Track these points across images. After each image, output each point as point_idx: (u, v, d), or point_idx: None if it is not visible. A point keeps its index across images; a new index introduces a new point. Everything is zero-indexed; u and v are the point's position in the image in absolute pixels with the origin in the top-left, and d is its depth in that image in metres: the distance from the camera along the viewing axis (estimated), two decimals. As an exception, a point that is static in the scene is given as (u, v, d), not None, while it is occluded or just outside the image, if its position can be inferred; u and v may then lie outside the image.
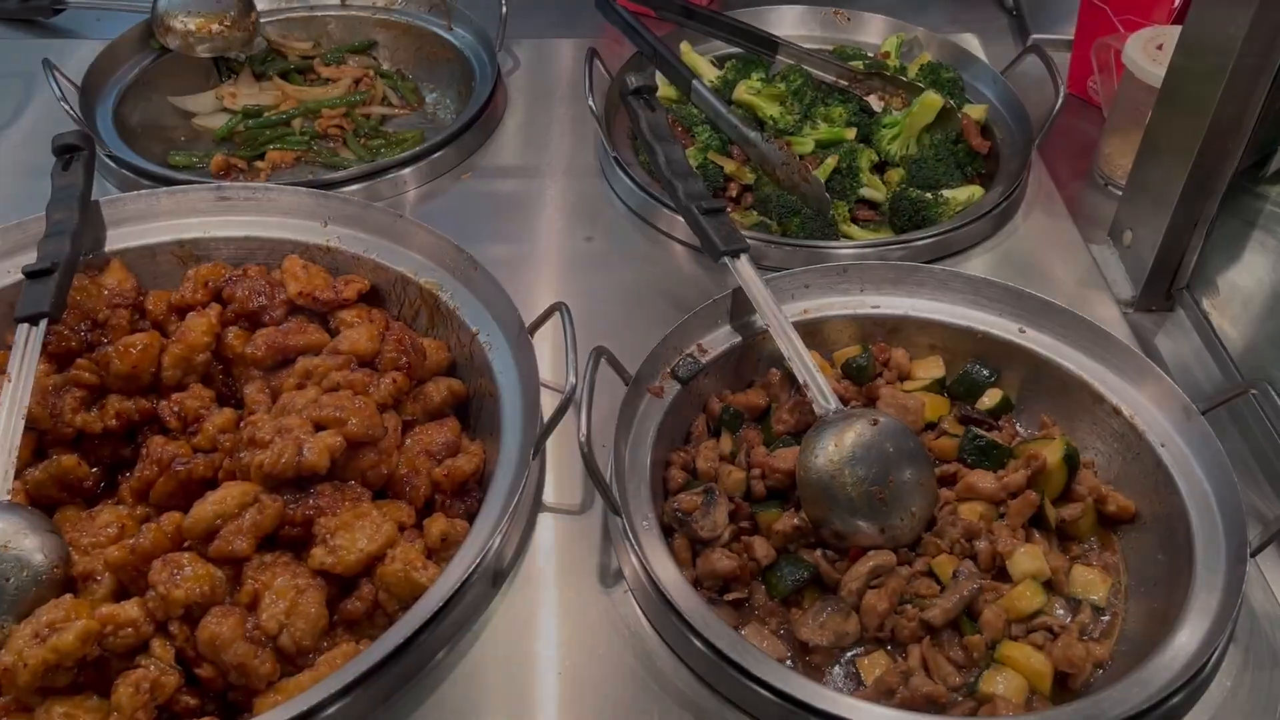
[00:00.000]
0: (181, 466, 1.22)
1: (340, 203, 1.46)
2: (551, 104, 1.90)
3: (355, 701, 0.99)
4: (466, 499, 1.24)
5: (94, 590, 1.09)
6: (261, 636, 1.04)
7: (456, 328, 1.37)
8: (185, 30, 1.86)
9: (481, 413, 1.33)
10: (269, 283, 1.40)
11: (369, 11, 2.04)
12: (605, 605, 1.10)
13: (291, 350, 1.34)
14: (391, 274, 1.43)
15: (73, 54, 1.98)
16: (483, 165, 1.74)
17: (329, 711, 0.97)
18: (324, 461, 1.15)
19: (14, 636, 1.00)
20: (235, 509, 1.11)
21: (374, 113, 1.96)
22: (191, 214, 1.48)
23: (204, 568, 1.06)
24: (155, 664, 1.02)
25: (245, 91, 1.95)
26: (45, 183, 1.68)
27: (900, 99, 1.72)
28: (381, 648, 0.99)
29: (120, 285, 1.41)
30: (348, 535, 1.11)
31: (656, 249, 1.59)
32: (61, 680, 1.00)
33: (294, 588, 1.08)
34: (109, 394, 1.32)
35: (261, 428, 1.17)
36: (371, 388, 1.28)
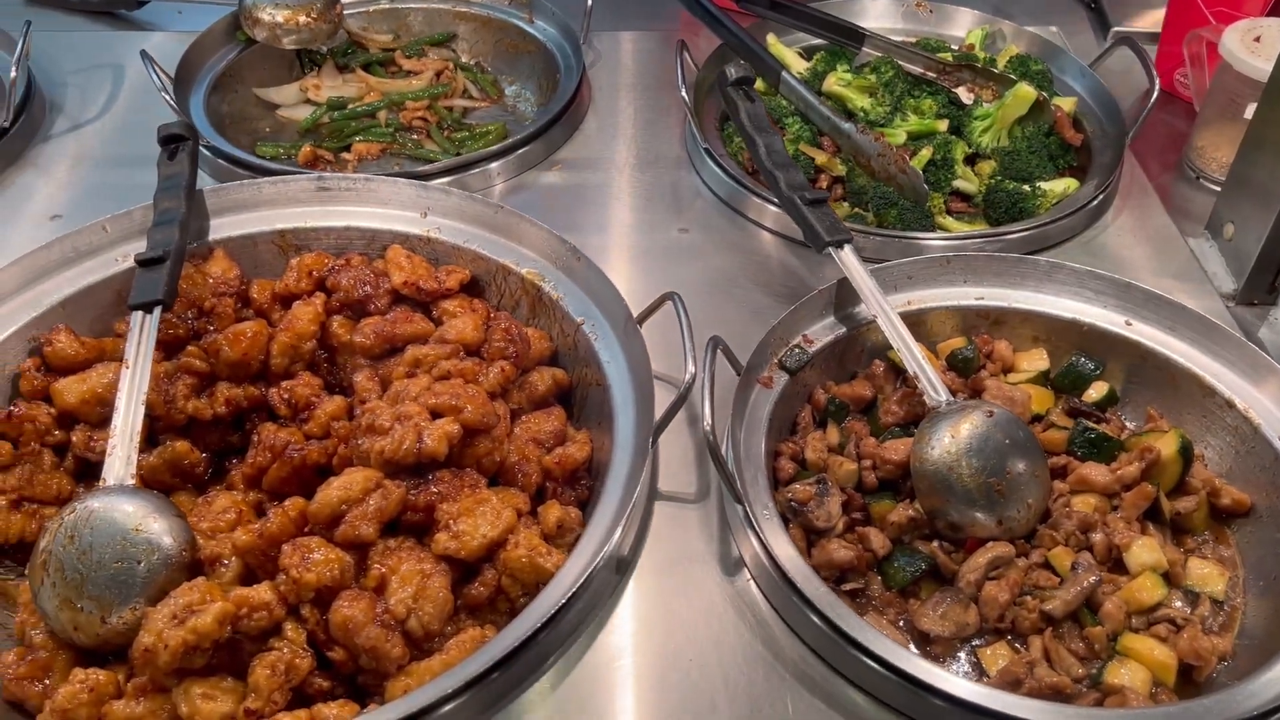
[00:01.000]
0: (296, 453, 1.24)
1: (441, 194, 1.47)
2: (634, 96, 1.90)
3: (488, 687, 1.00)
4: (577, 487, 1.25)
5: (222, 574, 1.10)
6: (391, 620, 1.05)
7: (559, 318, 1.38)
8: (273, 22, 1.88)
9: (586, 401, 1.33)
10: (373, 272, 1.41)
11: (449, 4, 2.05)
12: (729, 592, 1.11)
13: (399, 339, 1.35)
14: (492, 264, 1.44)
15: (154, 46, 2.00)
16: (570, 158, 1.75)
17: (465, 698, 0.98)
18: (443, 448, 1.16)
19: (151, 618, 1.01)
20: (359, 494, 1.12)
21: (455, 105, 1.97)
22: (293, 204, 1.50)
23: (333, 552, 1.07)
24: (289, 646, 1.03)
25: (329, 84, 1.97)
26: (139, 172, 1.71)
27: (991, 91, 1.71)
28: (514, 633, 1.00)
29: (225, 274, 1.43)
30: (469, 521, 1.12)
31: (748, 238, 1.59)
32: (198, 661, 1.01)
33: (419, 573, 1.09)
34: (218, 381, 1.33)
35: (380, 415, 1.18)
36: (481, 377, 1.30)
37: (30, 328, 1.33)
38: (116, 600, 1.06)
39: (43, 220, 1.60)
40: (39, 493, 1.25)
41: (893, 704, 1.02)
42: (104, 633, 1.06)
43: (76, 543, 1.08)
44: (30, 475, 1.25)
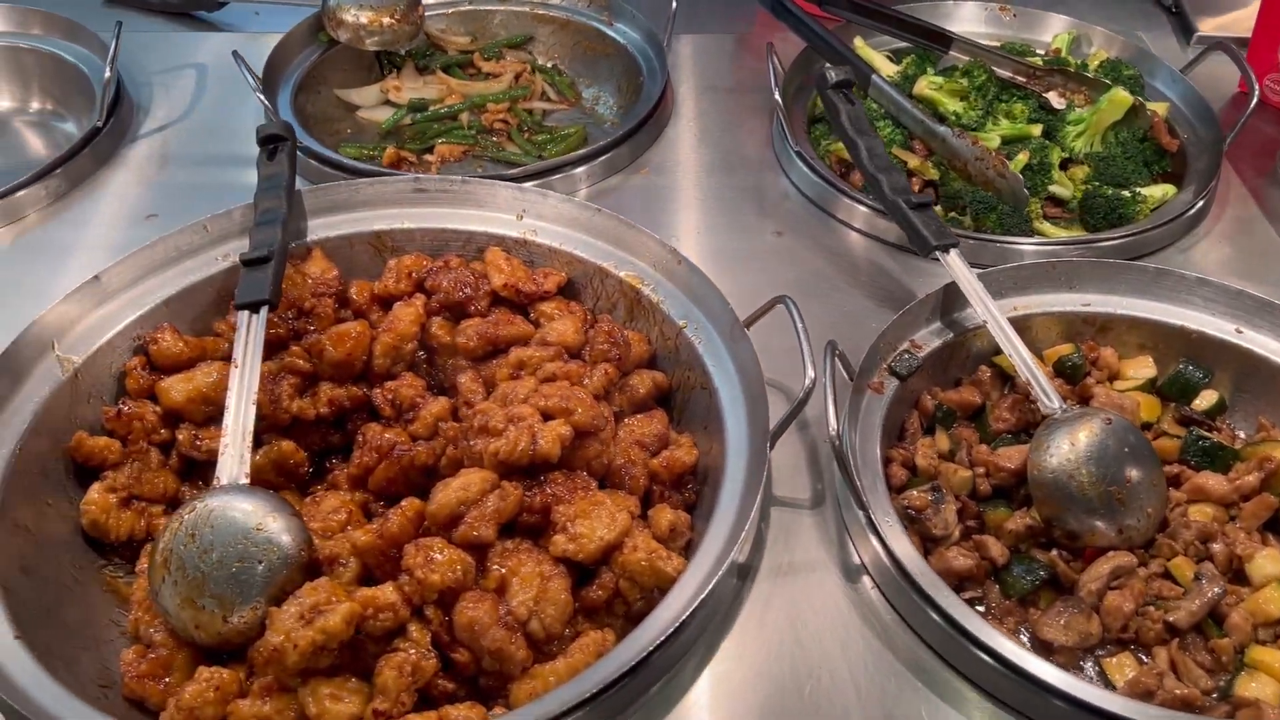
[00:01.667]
0: (404, 453, 1.24)
1: (538, 196, 1.47)
2: (716, 99, 1.89)
3: (616, 694, 0.99)
4: (684, 491, 1.24)
5: (341, 574, 1.10)
6: (513, 623, 1.05)
7: (659, 320, 1.37)
8: (357, 24, 1.88)
9: (689, 405, 1.32)
10: (473, 274, 1.41)
11: (528, 6, 2.05)
12: (852, 599, 1.10)
13: (501, 341, 1.35)
14: (589, 267, 1.43)
15: (230, 47, 2.02)
16: (657, 161, 1.74)
17: (596, 704, 0.97)
18: (556, 450, 1.15)
19: (278, 618, 1.01)
20: (477, 495, 1.11)
21: (535, 107, 1.97)
22: (389, 205, 1.49)
23: (455, 553, 1.07)
24: (414, 648, 1.03)
25: (409, 85, 1.97)
26: (229, 172, 1.73)
27: (1083, 96, 1.69)
28: (645, 638, 0.99)
29: (323, 274, 1.43)
30: (586, 523, 1.11)
31: (840, 240, 1.58)
32: (324, 661, 1.01)
33: (539, 575, 1.08)
34: (320, 381, 1.34)
35: (493, 416, 1.18)
36: (585, 379, 1.29)
37: (135, 326, 1.34)
38: (238, 599, 1.06)
39: (138, 219, 1.61)
40: (146, 491, 1.25)
41: (1035, 717, 1.01)
42: (225, 631, 1.06)
43: (197, 541, 1.08)
44: (138, 473, 1.26)
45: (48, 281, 1.51)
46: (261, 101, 1.67)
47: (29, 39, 1.87)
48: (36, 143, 1.87)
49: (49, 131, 1.88)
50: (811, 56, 1.84)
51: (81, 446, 1.23)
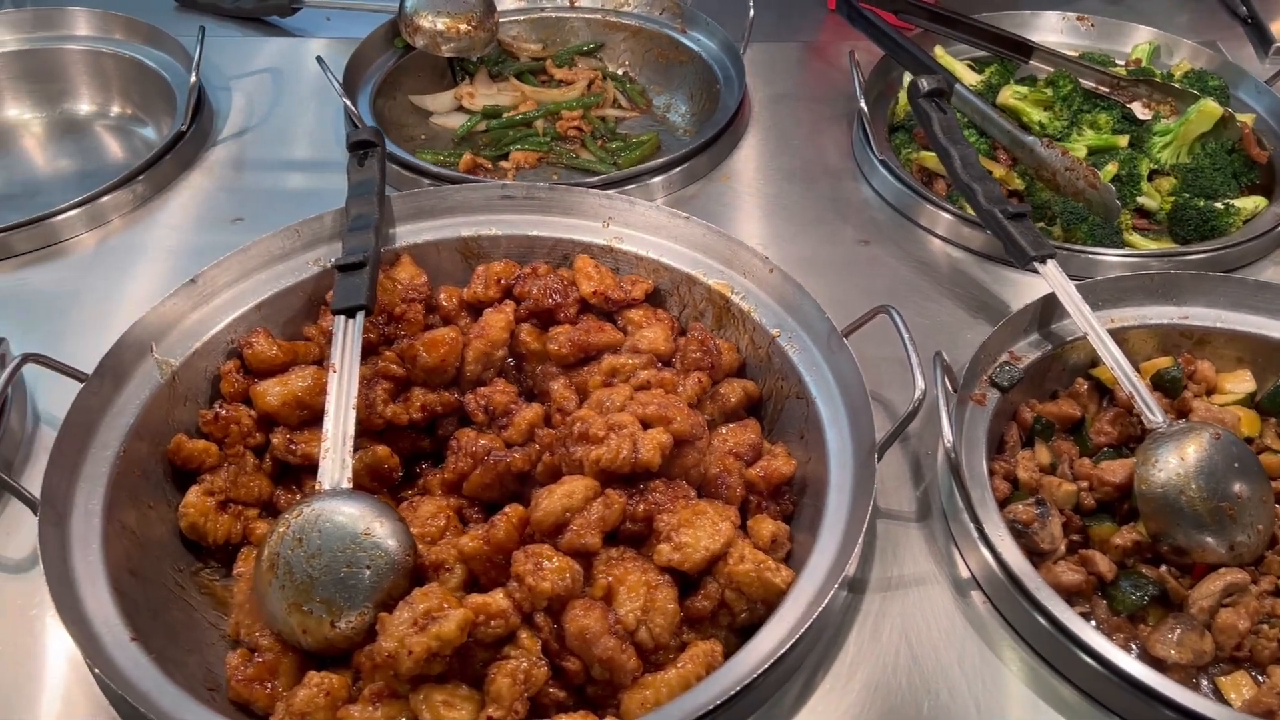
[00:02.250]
0: (499, 459, 1.24)
1: (625, 204, 1.47)
2: (793, 107, 1.89)
3: (734, 708, 0.98)
4: (781, 501, 1.24)
5: (446, 580, 1.10)
6: (622, 631, 1.04)
7: (750, 329, 1.37)
8: (434, 30, 1.89)
9: (782, 414, 1.32)
10: (562, 281, 1.41)
11: (600, 14, 2.06)
12: (966, 613, 1.09)
13: (592, 348, 1.34)
14: (676, 274, 1.43)
15: (308, 52, 2.03)
16: (738, 169, 1.74)
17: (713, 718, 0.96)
18: (657, 459, 1.15)
19: (389, 624, 1.01)
20: (581, 503, 1.11)
21: (607, 115, 1.97)
22: (476, 211, 1.50)
23: (564, 560, 1.06)
24: (525, 655, 1.02)
25: (483, 92, 1.98)
26: (310, 176, 1.74)
27: (1169, 107, 1.68)
28: (760, 650, 0.98)
29: (412, 280, 1.43)
30: (690, 533, 1.11)
31: (925, 249, 1.58)
32: (436, 668, 1.01)
33: (645, 583, 1.08)
34: (412, 386, 1.34)
35: (593, 424, 1.17)
36: (679, 387, 1.29)
37: (229, 330, 1.34)
38: (346, 604, 1.06)
39: (225, 223, 1.62)
40: (242, 494, 1.26)
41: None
42: (332, 636, 1.06)
43: (305, 546, 1.08)
44: (235, 477, 1.26)
45: (134, 285, 1.53)
46: (348, 107, 1.68)
47: (111, 43, 1.88)
48: (115, 147, 1.89)
49: (128, 136, 1.90)
50: (889, 65, 1.83)
51: (181, 449, 1.24)
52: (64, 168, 1.85)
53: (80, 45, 1.87)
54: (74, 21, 1.88)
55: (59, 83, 1.89)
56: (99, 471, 1.16)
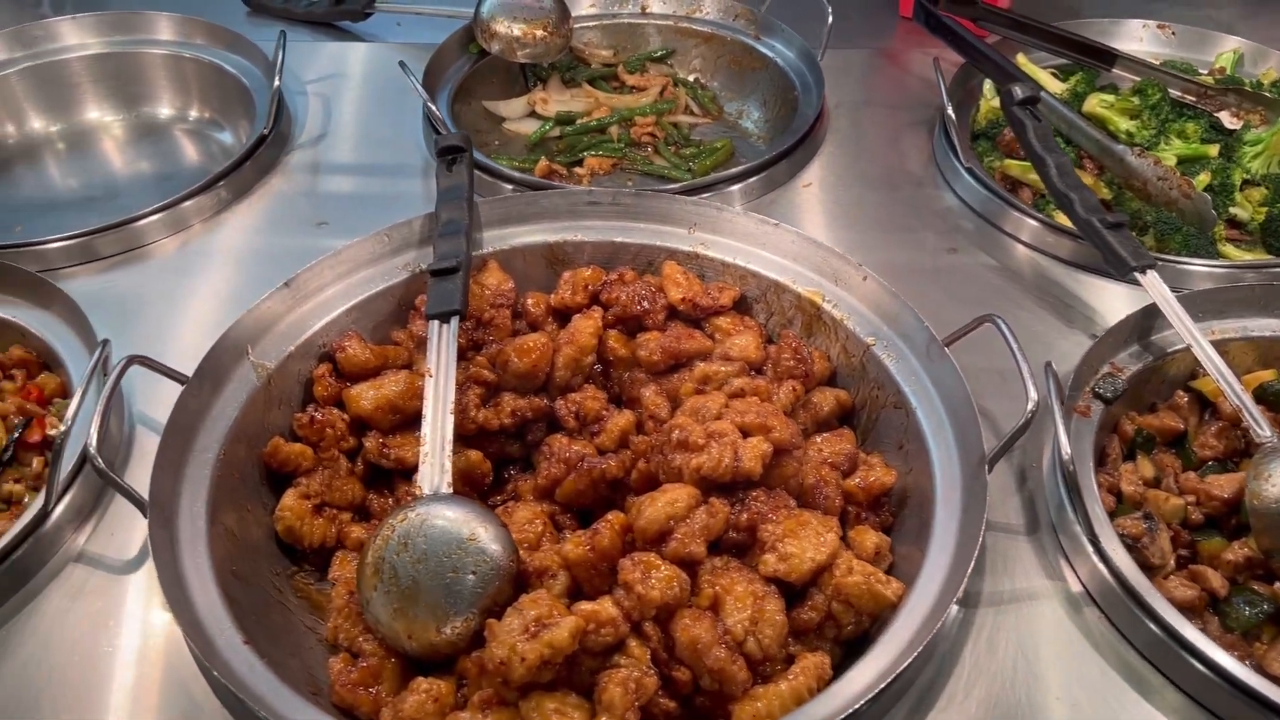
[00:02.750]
0: (593, 466, 1.23)
1: (713, 210, 1.46)
2: (871, 114, 1.88)
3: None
4: (880, 513, 1.22)
5: (551, 586, 1.09)
6: (731, 642, 1.03)
7: (842, 337, 1.35)
8: (510, 36, 1.89)
9: (877, 424, 1.30)
10: (649, 288, 1.40)
11: (672, 20, 2.05)
12: (1081, 627, 1.07)
13: (683, 355, 1.34)
14: (764, 281, 1.42)
15: (379, 57, 2.04)
16: (819, 177, 1.73)
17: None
18: (759, 468, 1.14)
19: (499, 630, 1.00)
20: (684, 511, 1.10)
21: (680, 121, 1.96)
22: (562, 216, 1.49)
23: (672, 569, 1.05)
24: (635, 664, 1.01)
25: (556, 98, 1.98)
26: (390, 181, 1.75)
27: (1259, 116, 1.65)
28: (878, 664, 0.97)
29: (500, 285, 1.43)
30: (795, 543, 1.10)
31: (1015, 258, 1.56)
32: (546, 676, 1.00)
33: (752, 594, 1.06)
34: (502, 392, 1.33)
35: (692, 431, 1.16)
36: (774, 396, 1.28)
37: (321, 334, 1.35)
38: (451, 610, 1.06)
39: (309, 227, 1.63)
40: (336, 498, 1.26)
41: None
42: (437, 642, 1.06)
43: (410, 550, 1.08)
44: (329, 480, 1.26)
45: (221, 288, 1.53)
46: (433, 112, 1.68)
47: (191, 48, 1.90)
48: (192, 151, 1.90)
49: (205, 140, 1.91)
50: (968, 73, 1.82)
51: (278, 452, 1.24)
52: (142, 170, 1.86)
53: (161, 50, 1.89)
54: (156, 26, 1.90)
55: (140, 86, 1.90)
56: (201, 474, 1.16)
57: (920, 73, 1.98)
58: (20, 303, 1.38)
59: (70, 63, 1.87)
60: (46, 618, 1.10)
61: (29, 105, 1.87)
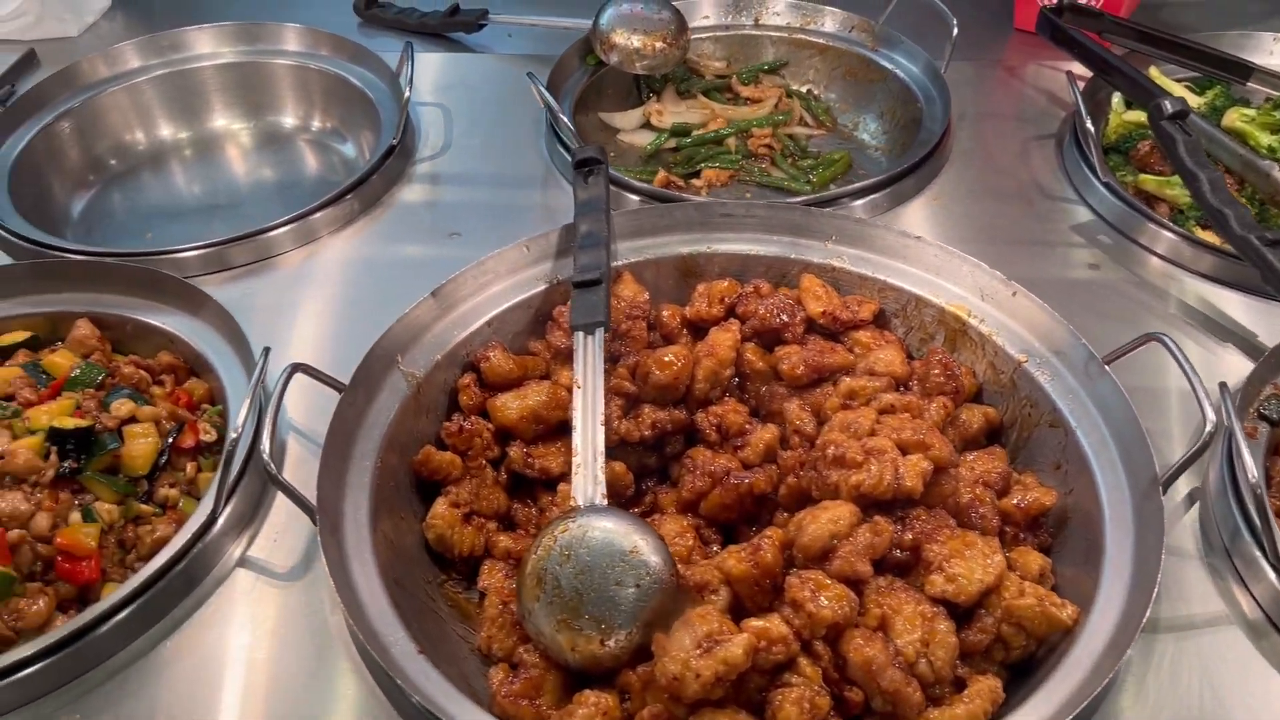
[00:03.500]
0: (740, 480, 1.22)
1: (852, 224, 1.44)
2: (993, 126, 1.85)
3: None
4: (1038, 534, 1.20)
5: (713, 602, 1.08)
6: (903, 663, 1.02)
7: (990, 353, 1.33)
8: (628, 47, 1.89)
9: (1028, 443, 1.28)
10: (788, 301, 1.39)
11: (786, 32, 2.04)
12: (1265, 651, 1.04)
13: (825, 369, 1.32)
14: (903, 295, 1.41)
15: (494, 69, 2.06)
16: (947, 190, 1.71)
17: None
18: (920, 486, 1.13)
19: (670, 646, 1.00)
20: (847, 529, 1.09)
21: (796, 132, 1.95)
22: (695, 228, 1.49)
23: (841, 588, 1.04)
24: (807, 683, 1.00)
25: (671, 109, 1.98)
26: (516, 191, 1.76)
27: (1407, 130, 1.61)
28: (1062, 690, 0.95)
29: (635, 297, 1.42)
30: (962, 564, 1.08)
31: (1157, 274, 1.53)
32: (718, 693, 0.99)
33: (921, 615, 1.05)
34: (641, 404, 1.33)
35: (849, 448, 1.15)
36: (924, 412, 1.26)
37: (464, 344, 1.35)
38: (616, 623, 1.05)
39: (442, 237, 1.64)
40: (483, 507, 1.26)
41: None
42: (601, 654, 1.05)
43: (573, 562, 1.08)
44: (477, 489, 1.26)
45: (358, 298, 1.55)
46: (564, 124, 1.68)
47: (317, 59, 1.92)
48: (313, 161, 1.92)
49: (325, 151, 1.93)
50: (1096, 86, 1.79)
51: (430, 460, 1.24)
52: (265, 178, 1.89)
53: (288, 60, 1.92)
54: (283, 36, 1.92)
55: (266, 95, 1.93)
56: (361, 481, 1.17)
57: (1040, 85, 1.96)
58: (167, 309, 1.40)
59: (201, 71, 1.91)
60: (217, 622, 1.11)
61: (159, 112, 1.91)
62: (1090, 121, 1.62)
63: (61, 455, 1.20)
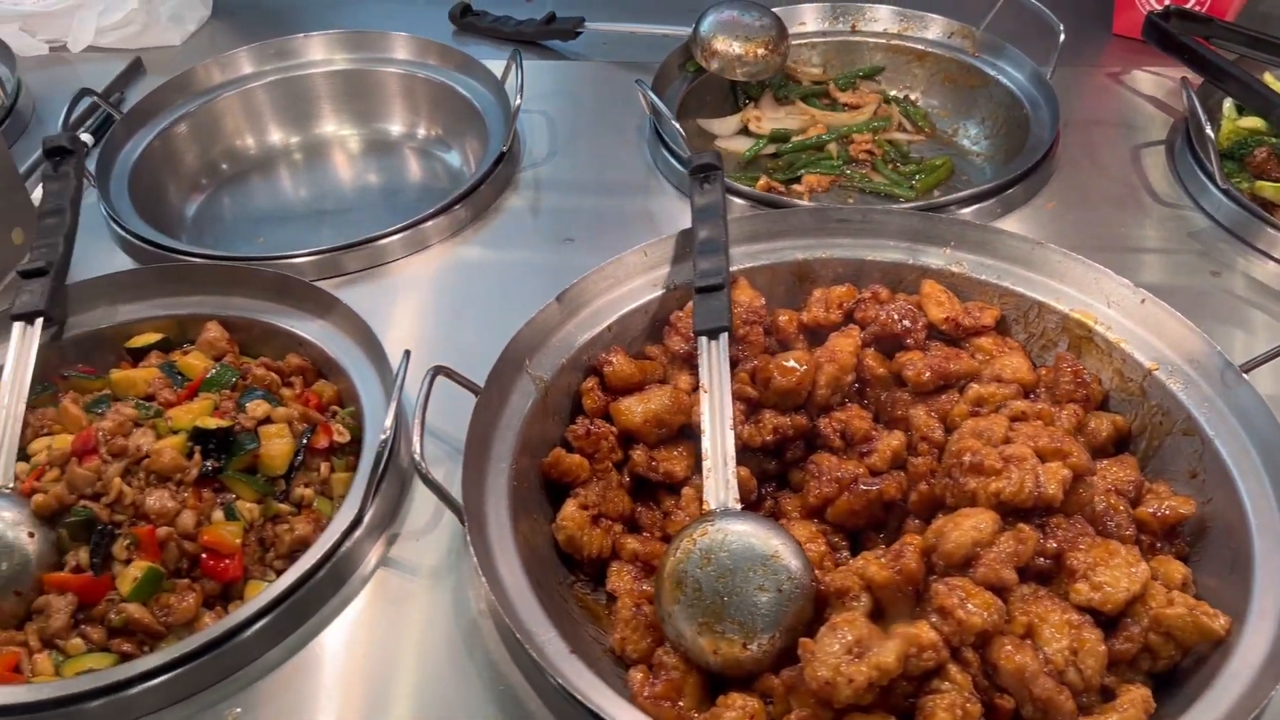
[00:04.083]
0: (870, 487, 1.22)
1: (972, 228, 1.44)
2: (1100, 132, 1.83)
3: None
4: (1175, 543, 1.19)
5: (854, 608, 1.08)
6: (1053, 671, 1.01)
7: (1117, 360, 1.32)
8: (730, 54, 1.90)
9: (1159, 452, 1.27)
10: (909, 306, 1.39)
11: (884, 38, 2.04)
12: None
13: (952, 376, 1.32)
14: (1024, 301, 1.40)
15: (592, 75, 2.07)
16: (1057, 196, 1.69)
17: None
18: (1060, 493, 1.12)
19: (819, 651, 1.00)
20: (989, 537, 1.08)
21: (895, 138, 1.95)
22: (809, 234, 1.49)
23: (989, 595, 1.04)
24: (958, 690, 1.00)
25: (769, 115, 1.98)
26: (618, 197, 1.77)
27: None
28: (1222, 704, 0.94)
29: (751, 303, 1.42)
30: (1107, 572, 1.07)
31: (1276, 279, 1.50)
32: (869, 699, 0.99)
33: (1068, 623, 1.04)
34: (762, 409, 1.33)
35: (987, 455, 1.15)
36: (1056, 420, 1.25)
37: (586, 348, 1.36)
38: (758, 627, 1.06)
39: (555, 242, 1.65)
40: (609, 509, 1.27)
41: None
42: (743, 658, 1.06)
43: (713, 565, 1.09)
44: (604, 491, 1.27)
45: (476, 302, 1.56)
46: (676, 130, 1.69)
47: (425, 69, 1.95)
48: (417, 168, 1.95)
49: (430, 159, 1.96)
50: (1206, 91, 1.77)
51: (560, 463, 1.26)
52: (371, 184, 1.92)
53: (397, 69, 1.94)
54: (393, 45, 1.95)
55: (374, 103, 1.96)
56: (499, 483, 1.18)
57: (1144, 91, 1.94)
58: (295, 312, 1.43)
59: (314, 78, 1.94)
60: (366, 620, 1.13)
61: (270, 117, 1.94)
62: (1210, 127, 1.60)
63: (204, 455, 1.23)
